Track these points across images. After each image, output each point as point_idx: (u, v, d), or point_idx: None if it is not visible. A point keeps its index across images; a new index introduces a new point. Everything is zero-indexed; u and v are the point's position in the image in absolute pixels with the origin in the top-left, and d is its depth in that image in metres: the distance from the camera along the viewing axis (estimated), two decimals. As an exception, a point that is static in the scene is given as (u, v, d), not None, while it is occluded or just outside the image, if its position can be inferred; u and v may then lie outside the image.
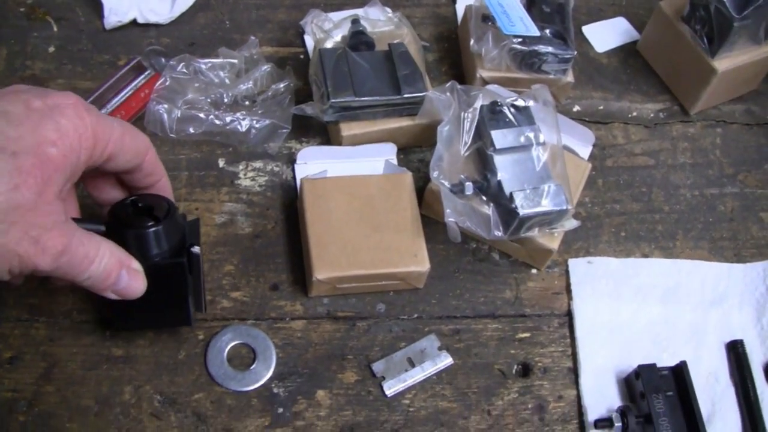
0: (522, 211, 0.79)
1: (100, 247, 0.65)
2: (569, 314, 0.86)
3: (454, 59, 1.01)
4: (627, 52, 1.06)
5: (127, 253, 0.68)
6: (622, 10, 1.10)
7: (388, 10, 0.99)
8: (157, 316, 0.75)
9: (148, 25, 0.97)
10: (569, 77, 0.95)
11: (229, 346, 0.80)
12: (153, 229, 0.69)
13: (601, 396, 0.82)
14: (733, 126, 1.02)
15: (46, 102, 0.62)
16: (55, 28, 0.96)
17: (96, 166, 0.67)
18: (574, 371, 0.83)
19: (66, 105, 0.62)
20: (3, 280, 0.62)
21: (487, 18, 0.93)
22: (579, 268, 0.89)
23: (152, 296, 0.70)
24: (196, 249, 0.72)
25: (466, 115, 0.83)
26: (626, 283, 0.89)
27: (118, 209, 0.71)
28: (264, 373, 0.79)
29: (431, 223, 0.87)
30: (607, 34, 1.07)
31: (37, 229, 0.59)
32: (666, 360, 0.84)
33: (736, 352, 0.86)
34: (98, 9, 0.97)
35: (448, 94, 0.85)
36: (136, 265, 0.68)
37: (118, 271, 0.66)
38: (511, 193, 0.80)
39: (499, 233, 0.80)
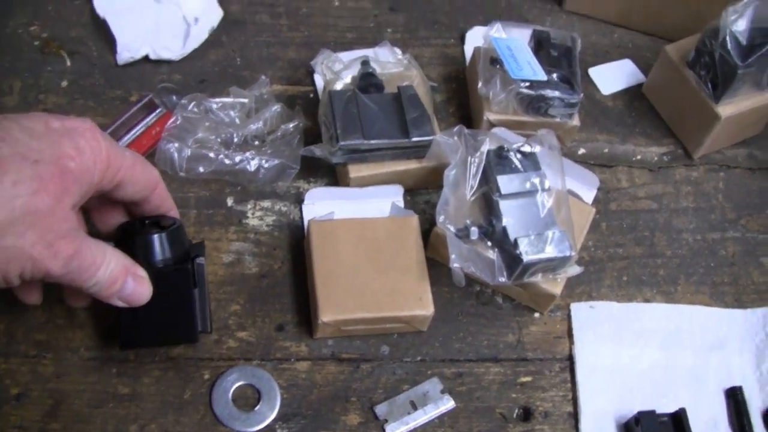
0: (526, 258, 0.80)
1: (106, 254, 0.67)
2: (570, 358, 0.87)
3: (461, 100, 1.02)
4: (632, 94, 1.07)
5: (133, 261, 0.70)
6: (628, 52, 1.11)
7: (398, 51, 1.00)
8: (164, 330, 0.76)
9: (160, 61, 0.98)
10: (575, 121, 0.96)
11: (234, 387, 0.80)
12: (157, 234, 0.72)
13: (601, 441, 0.84)
14: (735, 170, 1.03)
15: (65, 124, 0.66)
16: (69, 63, 0.98)
17: (106, 191, 0.70)
18: (575, 416, 0.84)
19: (83, 128, 0.66)
20: (13, 285, 0.64)
21: (495, 61, 0.94)
22: (581, 312, 0.90)
23: (158, 307, 0.72)
24: (200, 260, 0.75)
25: (472, 159, 0.84)
26: (627, 327, 0.90)
27: (126, 225, 0.75)
28: (268, 414, 0.80)
29: (436, 266, 0.88)
30: (613, 77, 1.08)
31: (51, 234, 0.62)
32: (665, 405, 0.85)
33: (735, 398, 0.86)
34: (111, 44, 0.98)
35: (455, 138, 0.86)
36: (141, 272, 0.71)
37: (124, 278, 0.69)
38: (515, 239, 0.81)
39: (503, 279, 0.81)
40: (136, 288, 0.70)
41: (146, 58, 0.98)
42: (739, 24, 0.91)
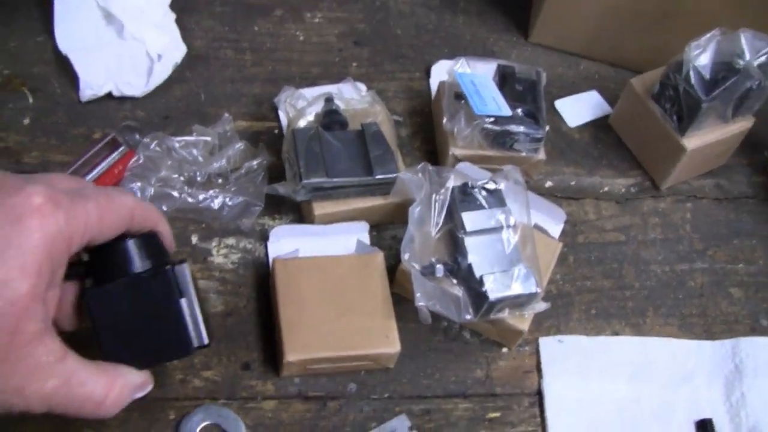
0: (492, 295, 0.79)
1: (112, 387, 0.60)
2: (539, 393, 0.86)
3: (427, 134, 1.02)
4: (599, 126, 1.07)
5: (140, 372, 0.64)
6: (594, 84, 1.11)
7: (362, 87, 1.00)
8: (153, 345, 0.67)
9: (123, 98, 0.97)
10: (541, 155, 0.96)
11: (200, 427, 0.79)
12: (132, 239, 0.64)
13: (570, 478, 0.83)
14: (703, 201, 1.03)
15: (5, 216, 0.54)
16: (31, 100, 0.96)
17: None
18: (544, 452, 0.84)
19: (29, 214, 0.54)
20: None
21: (459, 96, 0.94)
22: (549, 346, 0.89)
23: (142, 319, 0.65)
24: (183, 265, 0.67)
25: (437, 196, 0.84)
26: (596, 361, 0.89)
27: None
28: (234, 455, 0.79)
29: (403, 301, 0.87)
30: (579, 109, 1.08)
31: (16, 378, 0.55)
32: (635, 440, 0.85)
33: (705, 431, 0.86)
34: (74, 81, 0.97)
35: (420, 175, 0.85)
36: (149, 379, 0.65)
37: (131, 398, 0.63)
38: (481, 277, 0.80)
39: (469, 316, 0.81)
40: (138, 396, 0.64)
41: (109, 95, 0.97)
42: (702, 59, 0.92)
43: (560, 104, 1.08)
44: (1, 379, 0.54)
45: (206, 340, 0.68)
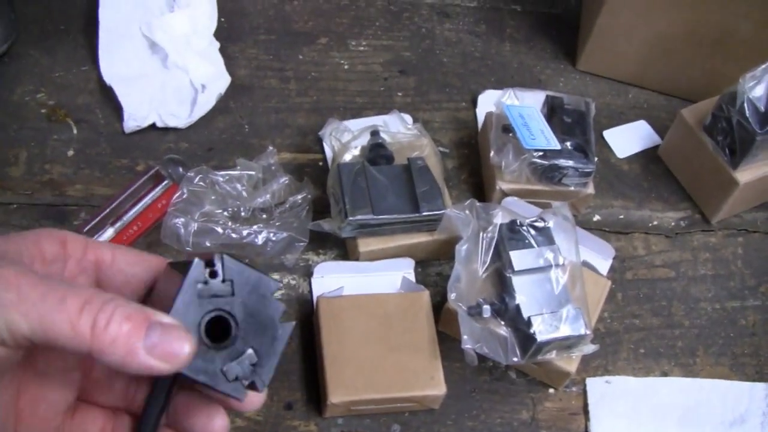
0: (540, 337, 0.78)
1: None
2: (587, 436, 0.85)
3: (473, 166, 1.01)
4: (648, 157, 1.05)
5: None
6: (643, 113, 1.09)
7: (408, 119, 0.99)
8: None
9: (167, 129, 0.97)
10: (590, 189, 0.94)
11: (241, 469, 0.79)
12: None
13: None
14: (755, 235, 1.01)
15: None
16: (75, 131, 0.96)
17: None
18: (592, 497, 0.82)
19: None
20: None
21: (507, 129, 0.93)
22: (597, 388, 0.87)
23: None
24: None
25: (484, 234, 0.82)
26: (645, 403, 0.87)
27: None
28: (276, 498, 0.78)
29: (448, 340, 0.86)
30: (628, 139, 1.06)
31: None
32: (685, 486, 0.83)
33: (756, 478, 0.84)
34: (118, 111, 0.97)
35: (467, 212, 0.84)
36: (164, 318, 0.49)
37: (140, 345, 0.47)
38: (529, 318, 0.79)
39: (516, 358, 0.79)
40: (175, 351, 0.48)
41: (153, 126, 0.97)
42: (756, 90, 0.90)
43: (609, 134, 1.06)
44: None
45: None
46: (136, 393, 0.55)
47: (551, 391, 0.87)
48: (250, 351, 0.52)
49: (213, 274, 0.51)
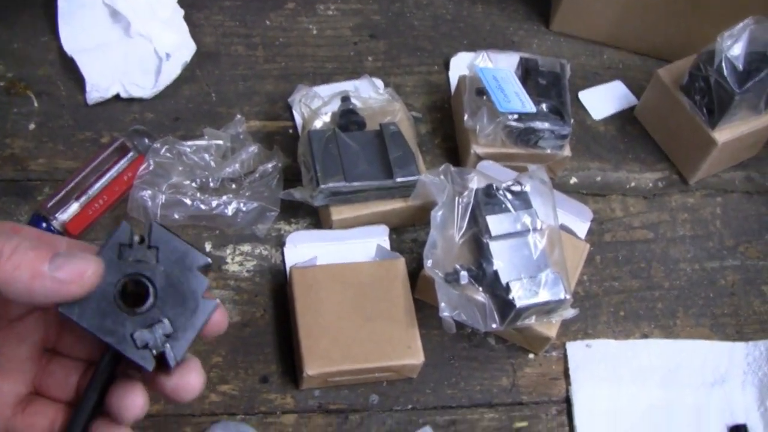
0: (519, 303, 0.76)
1: None
2: (568, 400, 0.84)
3: (447, 130, 0.99)
4: (624, 118, 1.04)
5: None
6: (618, 74, 1.07)
7: (379, 84, 0.96)
8: None
9: (131, 100, 0.94)
10: (566, 152, 0.92)
11: (217, 445, 0.77)
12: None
13: (601, 489, 0.80)
14: (733, 195, 1.00)
15: None
16: (36, 104, 0.93)
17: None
18: (574, 462, 0.81)
19: None
20: None
21: (481, 92, 0.91)
22: (577, 352, 0.86)
23: None
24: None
25: (460, 199, 0.81)
26: (626, 365, 0.86)
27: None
28: (254, 473, 0.76)
29: (425, 308, 0.84)
30: (604, 100, 1.04)
31: None
32: (668, 448, 0.82)
33: (740, 438, 0.84)
34: (80, 82, 0.94)
35: (442, 177, 0.82)
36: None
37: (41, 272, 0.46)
38: (507, 283, 0.77)
39: (495, 325, 0.78)
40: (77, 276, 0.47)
41: (117, 97, 0.94)
42: (734, 49, 0.88)
43: (584, 96, 1.04)
44: None
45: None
46: None
47: (531, 356, 0.86)
48: (165, 321, 0.50)
49: (141, 240, 0.50)
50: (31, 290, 0.45)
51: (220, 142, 0.88)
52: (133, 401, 0.50)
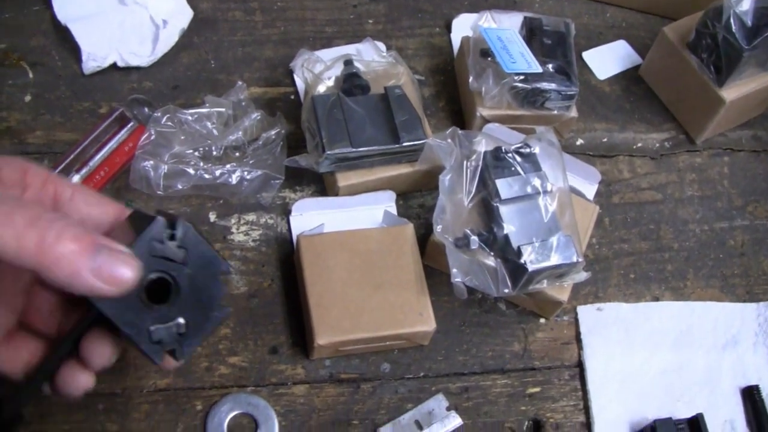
0: (531, 267, 0.75)
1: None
2: (580, 365, 0.83)
3: (451, 93, 0.97)
4: (629, 78, 1.02)
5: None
6: (622, 33, 1.05)
7: (382, 47, 0.95)
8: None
9: (129, 68, 0.92)
10: (573, 112, 0.91)
11: (229, 417, 0.76)
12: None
13: (616, 453, 0.80)
14: (740, 154, 0.99)
15: None
16: (31, 75, 0.91)
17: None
18: (588, 426, 0.80)
19: None
20: None
21: (485, 53, 0.89)
22: (588, 316, 0.85)
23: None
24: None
25: (468, 163, 0.79)
26: (637, 329, 0.86)
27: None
28: (267, 445, 0.76)
29: (435, 274, 0.83)
30: (608, 60, 1.03)
31: None
32: (681, 409, 0.81)
33: (752, 398, 0.83)
34: (76, 52, 0.92)
35: (449, 140, 0.80)
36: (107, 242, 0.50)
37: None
38: (518, 247, 0.76)
39: (507, 290, 0.77)
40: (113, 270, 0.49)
41: (114, 66, 0.92)
42: (743, 4, 0.87)
43: (588, 56, 1.03)
44: None
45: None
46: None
47: (542, 321, 0.85)
48: (181, 320, 0.53)
49: (172, 237, 0.52)
50: (70, 284, 0.47)
51: (222, 109, 0.86)
52: (103, 351, 0.54)
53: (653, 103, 1.01)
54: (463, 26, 1.00)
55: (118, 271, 0.48)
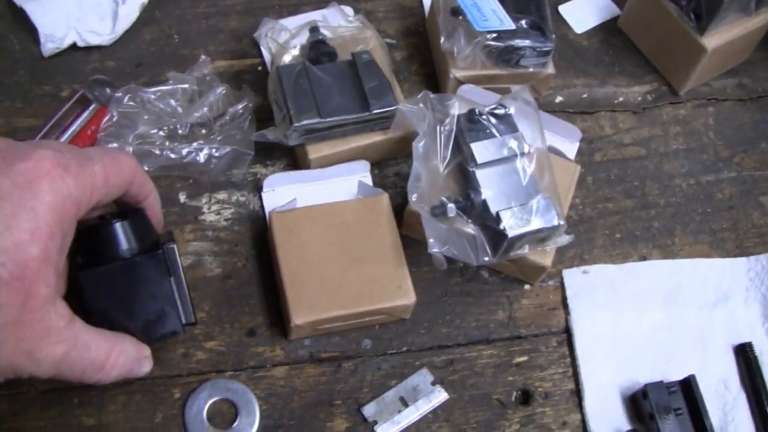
0: (511, 233, 0.72)
1: (112, 351, 0.62)
2: (567, 331, 0.81)
3: (423, 55, 0.94)
4: (608, 30, 0.99)
5: (139, 343, 0.65)
6: (599, -17, 1.02)
7: (349, 11, 0.91)
8: (144, 324, 0.66)
9: (89, 48, 0.89)
10: (550, 69, 0.88)
11: (208, 404, 0.74)
12: (121, 222, 0.64)
13: (607, 419, 0.78)
14: (725, 103, 0.96)
15: (16, 181, 0.54)
16: (-12, 59, 0.88)
17: None
18: (577, 393, 0.78)
19: (39, 179, 0.55)
20: None
21: (456, 12, 0.86)
22: (574, 279, 0.83)
23: (133, 301, 0.65)
24: (171, 245, 0.67)
25: (442, 128, 0.76)
26: (625, 290, 0.83)
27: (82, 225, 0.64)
28: (248, 429, 0.73)
29: (413, 244, 0.81)
30: (585, 12, 0.99)
31: (28, 342, 0.55)
32: (672, 371, 0.79)
33: (745, 356, 0.81)
34: (33, 33, 0.89)
35: (421, 105, 0.77)
36: (147, 352, 0.66)
37: (130, 369, 0.64)
38: (497, 213, 0.73)
39: (487, 258, 0.74)
40: (138, 372, 0.65)
41: (74, 46, 0.89)
42: (722, -53, 0.83)
43: (564, 9, 0.99)
44: (14, 342, 0.55)
45: (193, 318, 0.69)
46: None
47: (527, 287, 0.83)
48: None
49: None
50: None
51: (186, 85, 0.83)
52: None
53: (634, 55, 0.97)
54: (434, -15, 0.96)
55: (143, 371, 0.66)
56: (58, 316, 0.57)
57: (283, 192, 0.82)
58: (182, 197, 0.83)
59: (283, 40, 0.85)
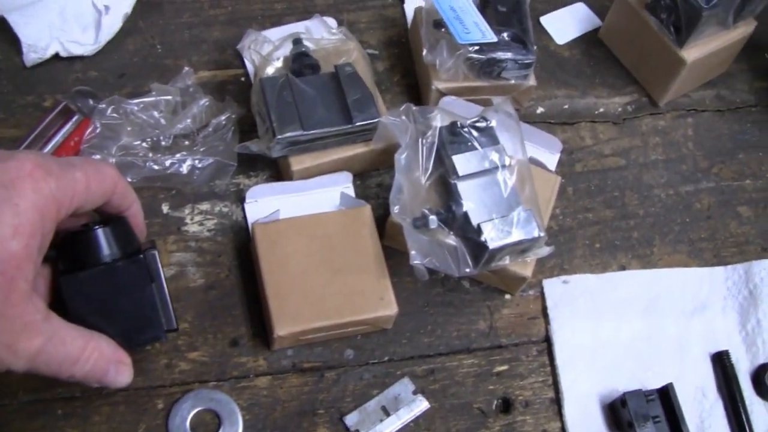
0: (492, 245, 0.73)
1: (87, 347, 0.61)
2: (548, 340, 0.82)
3: (406, 66, 0.95)
4: (589, 41, 1.00)
5: (117, 346, 0.64)
6: (580, -5, 1.03)
7: (332, 23, 0.92)
8: (125, 330, 0.66)
9: (72, 58, 0.89)
10: (531, 81, 0.89)
11: (191, 414, 0.74)
12: (103, 228, 0.64)
13: (586, 427, 0.79)
14: (704, 114, 0.97)
15: (1, 179, 0.56)
16: (-31, 70, 0.88)
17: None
18: (557, 402, 0.79)
19: (22, 178, 0.56)
20: None
21: (439, 24, 0.86)
22: (554, 289, 0.84)
23: (114, 306, 0.65)
24: (153, 251, 0.67)
25: (424, 140, 0.77)
26: (605, 299, 0.84)
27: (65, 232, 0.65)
28: (231, 439, 0.74)
29: (395, 254, 0.81)
30: (566, 24, 1.00)
31: (7, 335, 0.56)
32: (651, 380, 0.80)
33: (722, 364, 0.82)
34: (15, 44, 0.88)
35: (403, 117, 0.78)
36: (125, 358, 0.65)
37: (106, 370, 0.63)
38: (478, 225, 0.74)
39: (468, 269, 0.75)
40: (116, 377, 0.64)
41: (57, 56, 0.88)
42: (701, -38, 0.84)
43: (546, 20, 1.00)
44: None
45: (175, 324, 0.69)
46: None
47: (507, 297, 0.83)
48: None
49: None
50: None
51: (169, 97, 0.83)
52: None
53: (614, 67, 0.98)
54: (416, -4, 0.97)
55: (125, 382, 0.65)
56: (35, 310, 0.58)
57: (265, 203, 0.83)
58: (165, 208, 0.83)
59: (266, 52, 0.85)
